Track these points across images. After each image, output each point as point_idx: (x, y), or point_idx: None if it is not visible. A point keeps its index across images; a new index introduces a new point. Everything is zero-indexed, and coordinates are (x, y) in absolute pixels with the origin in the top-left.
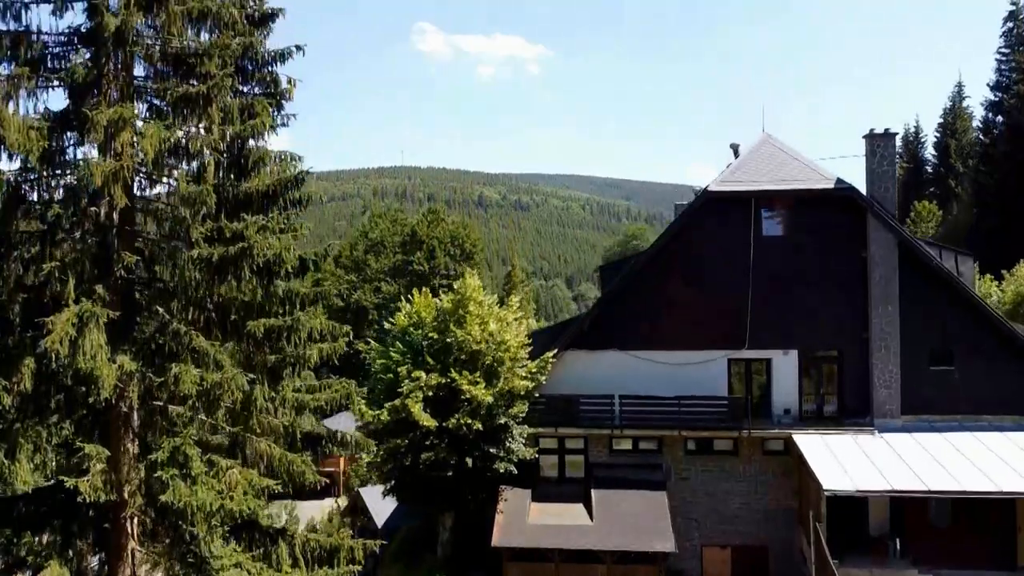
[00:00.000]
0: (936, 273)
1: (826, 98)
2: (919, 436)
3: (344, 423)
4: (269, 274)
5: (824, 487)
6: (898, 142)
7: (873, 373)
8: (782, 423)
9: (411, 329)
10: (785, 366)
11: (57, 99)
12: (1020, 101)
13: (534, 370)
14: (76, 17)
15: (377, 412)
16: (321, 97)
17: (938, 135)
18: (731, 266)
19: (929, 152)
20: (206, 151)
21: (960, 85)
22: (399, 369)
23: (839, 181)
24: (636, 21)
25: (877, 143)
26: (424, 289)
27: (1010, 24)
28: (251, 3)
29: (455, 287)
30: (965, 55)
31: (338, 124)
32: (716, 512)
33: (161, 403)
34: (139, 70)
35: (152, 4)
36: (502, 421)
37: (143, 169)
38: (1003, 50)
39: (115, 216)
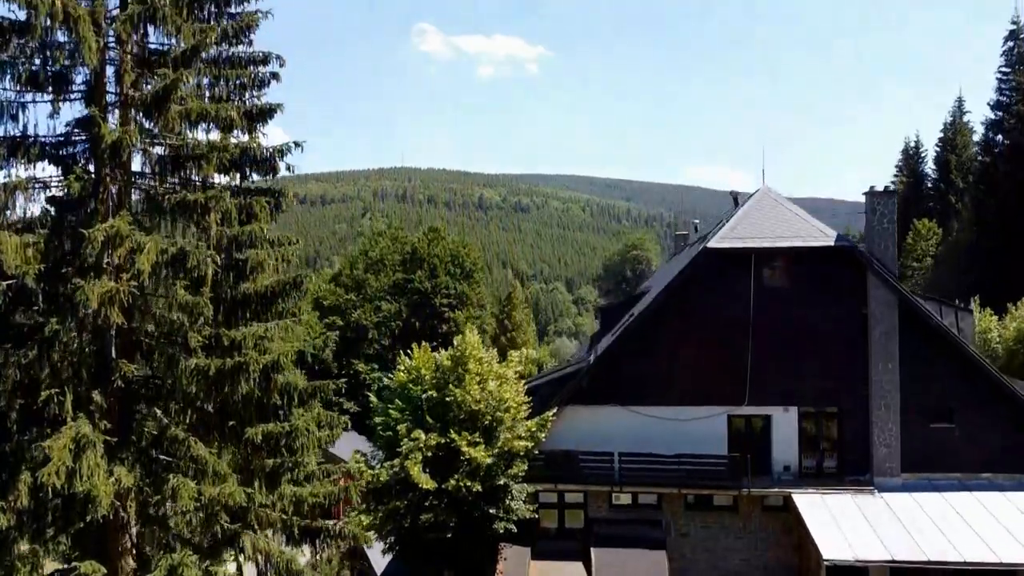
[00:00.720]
0: (936, 331)
1: (827, 102)
2: (919, 496)
3: (348, 443)
4: (267, 379)
5: (824, 556)
6: (898, 156)
7: (873, 431)
8: (782, 479)
9: (410, 385)
10: (785, 422)
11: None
12: (1020, 122)
13: (533, 429)
14: (74, 108)
15: (376, 471)
16: (321, 98)
17: (938, 149)
18: (731, 322)
19: (929, 167)
20: (204, 263)
21: (960, 100)
22: (398, 427)
23: (839, 238)
24: (636, 21)
25: (877, 201)
26: (423, 344)
27: (1011, 43)
28: (251, 93)
29: (454, 343)
30: (966, 68)
31: (337, 125)
32: (716, 568)
33: (159, 514)
34: (137, 163)
35: (151, 110)
36: (501, 482)
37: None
38: (1003, 69)
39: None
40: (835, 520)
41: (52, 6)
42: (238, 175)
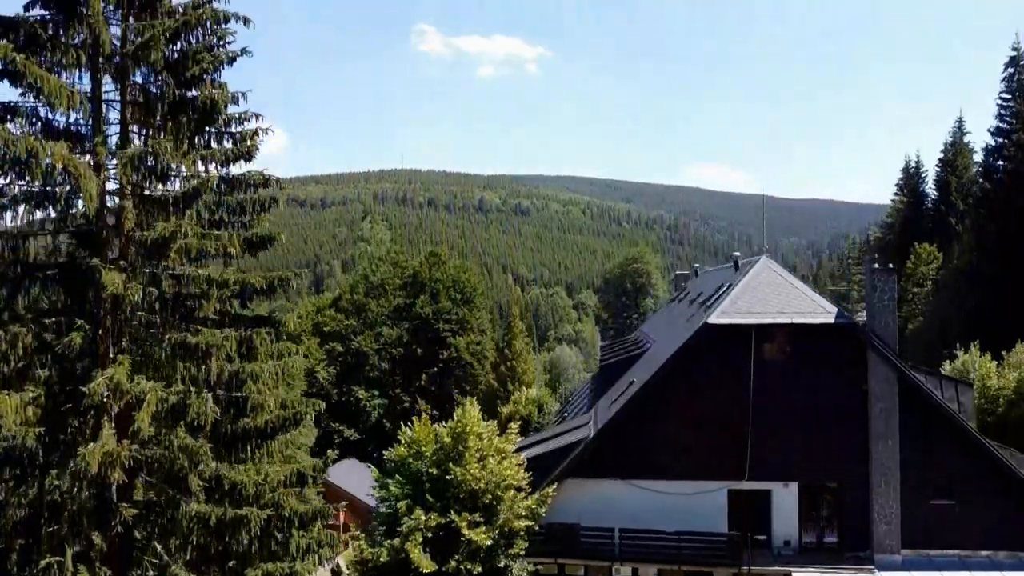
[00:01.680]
0: (936, 408)
1: (828, 102)
2: None
3: (347, 469)
4: (268, 522)
5: None
6: (898, 175)
7: (873, 508)
8: (782, 555)
9: (411, 460)
10: (785, 497)
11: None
12: (1021, 149)
13: (534, 507)
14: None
15: (376, 551)
16: (320, 99)
17: (939, 169)
18: (731, 396)
19: (929, 187)
20: (204, 413)
21: (961, 120)
22: (398, 505)
23: (839, 315)
24: (636, 21)
25: (878, 278)
26: (424, 416)
27: (1011, 70)
28: (250, 216)
29: (455, 416)
30: (967, 85)
31: (337, 127)
32: None
33: None
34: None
35: (152, 254)
36: (502, 564)
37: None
38: (1004, 95)
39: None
40: None
41: (53, 167)
42: (237, 302)
